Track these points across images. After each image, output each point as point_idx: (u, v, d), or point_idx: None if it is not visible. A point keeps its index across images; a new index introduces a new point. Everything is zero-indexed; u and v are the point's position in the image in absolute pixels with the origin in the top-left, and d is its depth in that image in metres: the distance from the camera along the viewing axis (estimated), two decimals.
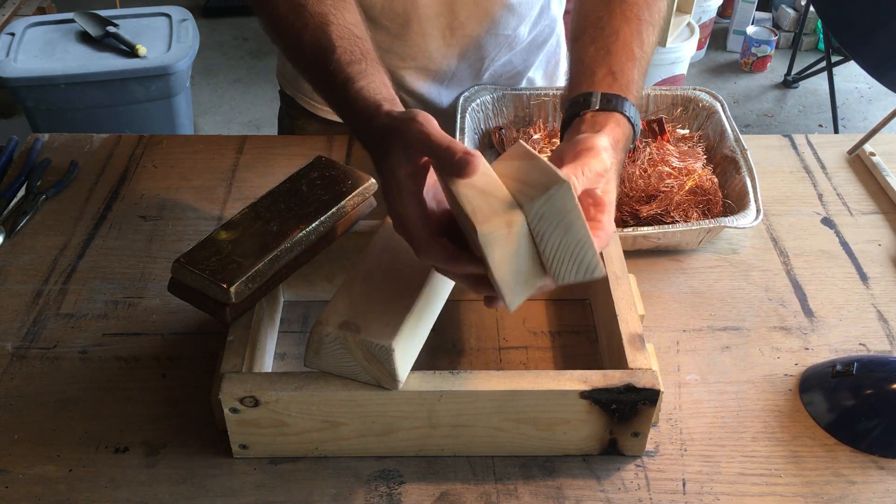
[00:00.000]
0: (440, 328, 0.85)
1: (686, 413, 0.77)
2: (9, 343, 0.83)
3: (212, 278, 0.71)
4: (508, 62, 1.12)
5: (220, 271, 0.71)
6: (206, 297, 0.72)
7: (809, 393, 0.79)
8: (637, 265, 0.92)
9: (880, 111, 3.00)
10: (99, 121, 2.23)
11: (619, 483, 0.71)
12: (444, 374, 0.69)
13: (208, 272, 0.71)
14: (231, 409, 0.68)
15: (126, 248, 0.95)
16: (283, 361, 0.82)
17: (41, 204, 1.01)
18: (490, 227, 0.58)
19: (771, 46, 3.17)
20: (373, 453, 0.73)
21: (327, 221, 0.78)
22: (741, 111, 3.01)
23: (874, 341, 0.85)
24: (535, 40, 1.12)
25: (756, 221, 0.91)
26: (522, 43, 1.10)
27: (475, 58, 1.07)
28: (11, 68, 2.15)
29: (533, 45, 1.13)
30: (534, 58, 1.15)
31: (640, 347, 0.71)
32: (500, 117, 1.11)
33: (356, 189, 0.80)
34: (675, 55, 2.76)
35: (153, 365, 0.81)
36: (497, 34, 1.05)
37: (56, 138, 1.13)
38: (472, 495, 0.70)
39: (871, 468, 0.73)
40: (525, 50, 1.12)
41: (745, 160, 0.98)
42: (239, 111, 2.96)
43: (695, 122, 1.09)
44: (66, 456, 0.73)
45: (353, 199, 0.80)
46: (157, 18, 2.39)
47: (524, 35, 1.09)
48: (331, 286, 0.86)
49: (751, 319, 0.87)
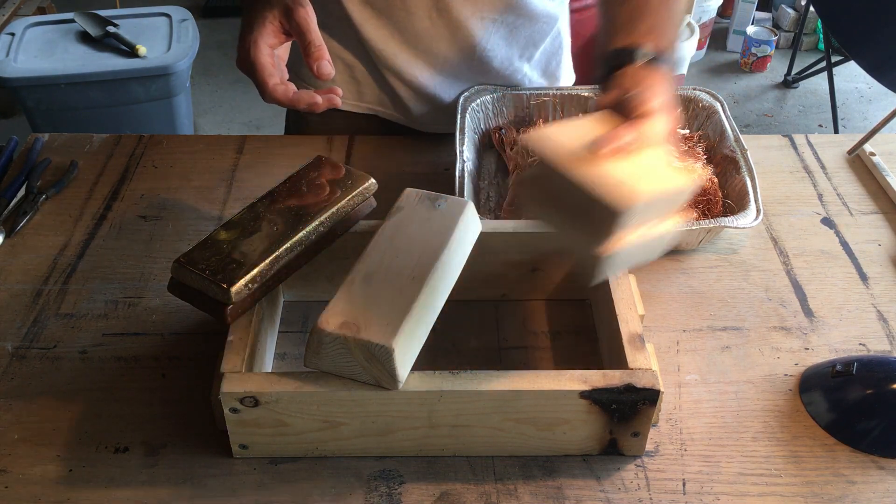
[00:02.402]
0: (440, 328, 0.85)
1: (686, 413, 0.77)
2: (9, 343, 0.83)
3: (212, 278, 0.71)
4: (503, 53, 1.10)
5: (220, 271, 0.71)
6: (206, 297, 0.72)
7: (809, 393, 0.79)
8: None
9: (880, 111, 3.00)
10: (99, 121, 2.23)
11: (619, 483, 0.71)
12: (444, 374, 0.69)
13: (208, 272, 0.71)
14: (231, 409, 0.68)
15: (126, 248, 0.95)
16: (283, 361, 0.82)
17: (41, 204, 1.01)
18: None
19: (771, 46, 3.17)
20: (373, 453, 0.73)
21: (327, 221, 0.78)
22: (741, 111, 3.01)
23: (874, 341, 0.85)
24: (532, 33, 1.11)
25: (756, 221, 0.91)
26: (517, 31, 1.08)
27: (466, 44, 1.06)
28: (11, 68, 2.15)
29: (529, 38, 1.11)
30: (531, 51, 1.14)
31: (640, 347, 0.71)
32: (500, 117, 1.11)
33: (356, 189, 0.80)
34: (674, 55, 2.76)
35: (153, 365, 0.81)
36: (483, 17, 1.04)
37: (56, 138, 1.13)
38: (472, 495, 0.70)
39: (871, 468, 0.73)
40: (521, 41, 1.10)
41: (745, 160, 0.98)
42: (239, 111, 2.96)
43: (695, 122, 1.09)
44: (66, 456, 0.73)
45: (353, 199, 0.80)
46: (157, 18, 2.39)
47: (515, 21, 1.07)
48: (331, 286, 0.86)
49: (751, 319, 0.87)
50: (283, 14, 0.79)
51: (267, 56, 0.79)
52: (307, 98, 0.78)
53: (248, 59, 0.78)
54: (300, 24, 0.78)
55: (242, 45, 0.79)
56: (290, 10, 0.78)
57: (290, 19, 0.78)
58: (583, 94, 1.10)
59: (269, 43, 0.79)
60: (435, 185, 1.03)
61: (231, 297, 0.70)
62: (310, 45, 0.78)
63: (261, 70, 0.78)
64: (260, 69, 0.78)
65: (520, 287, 0.87)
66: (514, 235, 0.83)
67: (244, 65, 0.79)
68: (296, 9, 0.78)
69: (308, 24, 0.78)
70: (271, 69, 0.78)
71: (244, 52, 0.79)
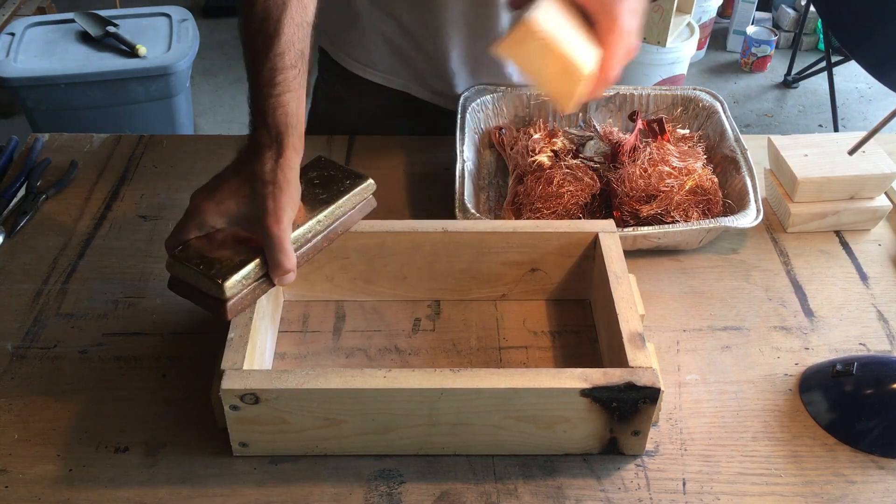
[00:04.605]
0: (441, 328, 0.85)
1: (686, 413, 0.77)
2: (9, 343, 0.83)
3: (206, 273, 0.70)
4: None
5: (214, 266, 0.71)
6: (204, 293, 0.72)
7: (809, 393, 0.79)
8: (637, 265, 0.92)
9: (880, 111, 3.00)
10: (99, 121, 2.23)
11: (619, 482, 0.71)
12: (444, 371, 0.69)
13: (202, 266, 0.70)
14: (231, 407, 0.68)
15: (126, 248, 0.95)
16: (283, 361, 0.82)
17: (41, 204, 1.01)
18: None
19: (771, 46, 3.17)
20: (373, 451, 0.73)
21: (324, 220, 0.77)
22: (741, 111, 3.01)
23: (874, 341, 0.85)
24: None
25: (756, 221, 0.91)
26: None
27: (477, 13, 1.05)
28: (11, 68, 2.15)
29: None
30: None
31: (641, 346, 0.71)
32: (500, 117, 1.11)
33: (355, 188, 0.80)
34: (675, 55, 2.76)
35: (153, 365, 0.81)
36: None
37: (56, 138, 1.13)
38: (473, 495, 0.70)
39: (871, 468, 0.73)
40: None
41: (746, 160, 0.98)
42: (239, 111, 2.96)
43: (695, 122, 1.09)
44: (66, 456, 0.73)
45: (353, 199, 0.80)
46: (157, 18, 2.39)
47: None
48: (331, 286, 0.86)
49: (751, 319, 0.87)
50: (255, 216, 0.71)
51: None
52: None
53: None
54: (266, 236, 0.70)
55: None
56: (258, 217, 0.70)
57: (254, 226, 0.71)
58: None
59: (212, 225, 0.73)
60: (435, 185, 1.04)
61: (225, 292, 0.70)
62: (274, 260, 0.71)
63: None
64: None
65: (520, 287, 0.87)
66: (514, 235, 0.83)
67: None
68: (267, 214, 0.70)
69: (278, 239, 0.70)
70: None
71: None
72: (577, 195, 0.95)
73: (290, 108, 0.72)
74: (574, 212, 0.95)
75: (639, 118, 1.05)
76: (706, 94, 1.09)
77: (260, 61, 0.73)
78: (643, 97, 1.10)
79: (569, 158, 1.00)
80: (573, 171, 0.97)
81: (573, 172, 0.97)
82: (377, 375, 0.68)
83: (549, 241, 0.84)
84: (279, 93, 0.72)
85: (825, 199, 0.97)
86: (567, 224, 0.85)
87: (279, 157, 0.71)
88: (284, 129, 0.72)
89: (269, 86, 0.72)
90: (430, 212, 0.98)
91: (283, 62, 0.72)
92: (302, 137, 0.73)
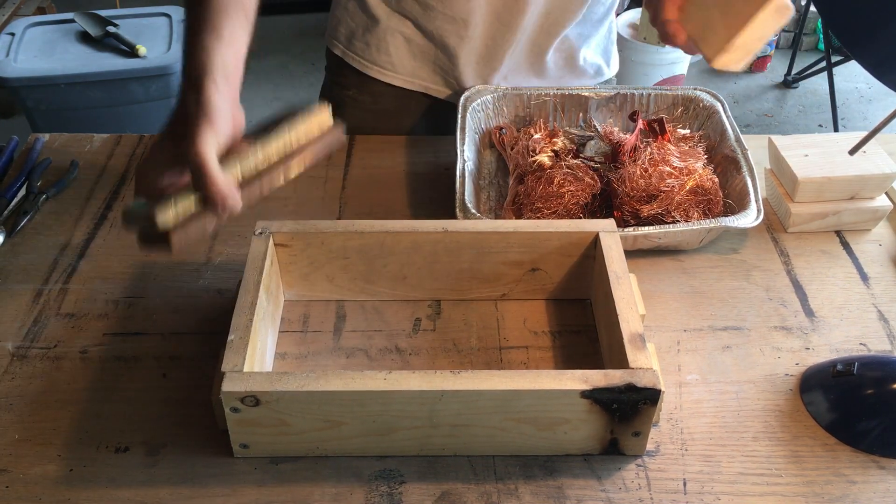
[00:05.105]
0: (441, 328, 0.85)
1: (687, 413, 0.77)
2: (9, 343, 0.83)
3: (150, 207, 0.66)
4: (561, 35, 1.11)
5: (157, 203, 0.67)
6: (155, 234, 0.68)
7: (810, 393, 0.79)
8: (638, 265, 0.92)
9: (880, 111, 3.00)
10: (99, 121, 2.23)
11: (619, 483, 0.71)
12: (444, 373, 0.68)
13: (147, 205, 0.67)
14: (232, 409, 0.68)
15: (126, 248, 0.95)
16: (283, 361, 0.82)
17: (41, 204, 1.01)
18: None
19: (771, 46, 3.17)
20: (373, 453, 0.73)
21: (271, 150, 0.72)
22: (741, 111, 3.01)
23: (875, 341, 0.85)
24: (589, 14, 1.12)
25: (756, 221, 0.91)
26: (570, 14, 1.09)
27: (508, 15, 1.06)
28: (11, 68, 2.15)
29: (586, 18, 1.12)
30: (591, 30, 1.15)
31: (641, 347, 0.71)
32: (500, 117, 1.11)
33: (305, 118, 0.75)
34: (675, 55, 2.76)
35: (153, 365, 0.81)
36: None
37: (56, 138, 1.13)
38: (473, 495, 0.70)
39: (872, 468, 0.73)
40: (579, 22, 1.11)
41: (746, 160, 0.98)
42: None
43: (695, 122, 1.09)
44: (66, 456, 0.73)
45: (304, 128, 0.74)
46: (157, 18, 2.39)
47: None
48: (331, 286, 0.86)
49: (751, 319, 0.87)
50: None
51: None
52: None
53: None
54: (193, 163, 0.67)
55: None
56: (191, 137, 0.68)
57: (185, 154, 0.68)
58: (583, 94, 1.10)
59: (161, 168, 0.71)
60: (435, 185, 1.04)
61: (159, 221, 0.66)
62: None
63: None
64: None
65: (520, 287, 0.87)
66: (514, 235, 0.83)
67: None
68: (197, 136, 0.67)
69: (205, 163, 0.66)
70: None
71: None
72: (577, 195, 0.95)
73: (209, 47, 0.72)
74: (574, 212, 0.95)
75: (639, 118, 1.05)
76: (707, 94, 1.09)
77: (191, 7, 0.74)
78: (644, 97, 1.10)
79: (569, 158, 1.00)
80: (574, 170, 0.97)
81: (574, 172, 0.97)
82: (377, 377, 0.68)
83: (550, 240, 0.84)
84: (201, 39, 0.72)
85: (826, 199, 0.97)
86: (567, 224, 0.85)
87: (198, 92, 0.70)
88: (202, 68, 0.71)
89: (191, 33, 0.73)
90: (431, 212, 0.98)
91: (210, 9, 0.73)
92: (230, 73, 0.72)
